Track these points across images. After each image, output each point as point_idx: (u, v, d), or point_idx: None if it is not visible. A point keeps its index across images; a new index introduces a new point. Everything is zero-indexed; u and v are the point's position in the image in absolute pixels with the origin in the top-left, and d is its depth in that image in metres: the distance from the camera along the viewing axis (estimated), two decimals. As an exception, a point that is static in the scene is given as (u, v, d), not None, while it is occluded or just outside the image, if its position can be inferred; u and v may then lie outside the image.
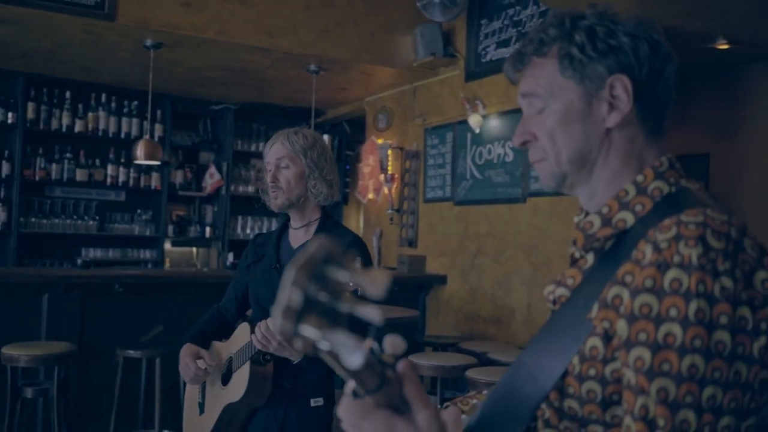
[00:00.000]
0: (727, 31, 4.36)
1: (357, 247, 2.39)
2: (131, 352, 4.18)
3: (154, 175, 6.76)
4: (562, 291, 1.15)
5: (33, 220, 6.20)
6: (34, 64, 5.81)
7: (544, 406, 1.11)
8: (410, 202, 6.07)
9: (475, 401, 1.32)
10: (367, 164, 6.50)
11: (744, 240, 0.96)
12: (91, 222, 6.47)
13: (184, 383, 2.73)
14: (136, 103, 6.65)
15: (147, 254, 6.71)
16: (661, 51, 1.16)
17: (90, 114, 6.42)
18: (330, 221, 2.49)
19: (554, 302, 1.17)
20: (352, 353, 0.69)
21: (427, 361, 3.95)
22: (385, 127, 6.43)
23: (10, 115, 6.10)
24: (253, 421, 2.32)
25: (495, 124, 5.16)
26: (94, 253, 6.39)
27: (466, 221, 5.41)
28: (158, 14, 4.67)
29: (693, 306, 0.91)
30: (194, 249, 7.23)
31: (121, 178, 6.60)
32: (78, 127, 6.36)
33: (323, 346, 0.69)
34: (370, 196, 6.46)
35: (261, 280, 2.44)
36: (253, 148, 7.40)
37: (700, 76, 5.24)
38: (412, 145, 6.07)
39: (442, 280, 5.60)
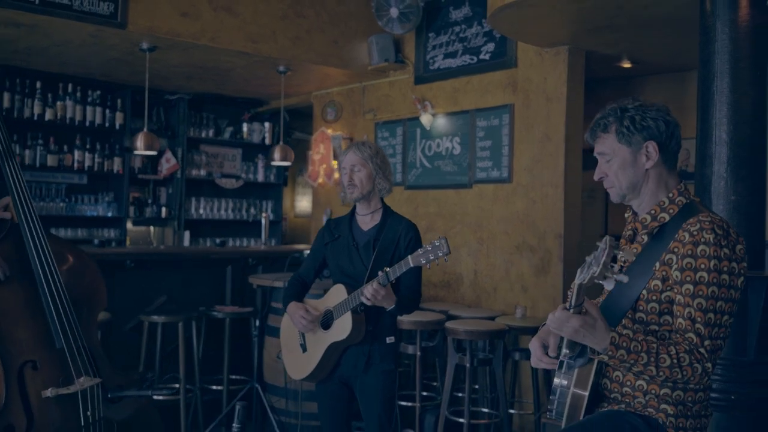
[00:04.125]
0: (631, 54, 5.57)
1: (411, 228, 3.31)
2: (155, 318, 4.87)
3: (116, 160, 7.30)
4: (629, 256, 2.16)
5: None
6: (14, 57, 6.19)
7: (623, 319, 2.11)
8: (360, 186, 6.95)
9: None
10: (318, 152, 7.34)
11: (730, 229, 2.00)
12: (61, 204, 6.95)
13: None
14: (98, 92, 7.16)
15: (111, 233, 7.26)
16: (671, 124, 2.16)
17: (58, 103, 6.87)
18: (389, 210, 3.40)
19: (624, 262, 2.17)
20: (610, 284, 1.65)
21: (408, 317, 4.91)
22: (334, 120, 7.27)
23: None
24: (345, 355, 3.21)
25: (443, 122, 6.15)
26: (64, 233, 6.88)
27: (417, 203, 6.39)
28: (161, 23, 5.28)
29: (712, 263, 1.93)
30: (151, 228, 7.82)
31: (87, 163, 7.10)
32: (48, 115, 6.80)
33: (599, 279, 1.66)
34: (320, 180, 7.32)
35: (341, 254, 3.31)
36: (203, 135, 8.05)
37: (609, 87, 6.45)
38: (362, 137, 6.95)
39: (393, 253, 6.54)
